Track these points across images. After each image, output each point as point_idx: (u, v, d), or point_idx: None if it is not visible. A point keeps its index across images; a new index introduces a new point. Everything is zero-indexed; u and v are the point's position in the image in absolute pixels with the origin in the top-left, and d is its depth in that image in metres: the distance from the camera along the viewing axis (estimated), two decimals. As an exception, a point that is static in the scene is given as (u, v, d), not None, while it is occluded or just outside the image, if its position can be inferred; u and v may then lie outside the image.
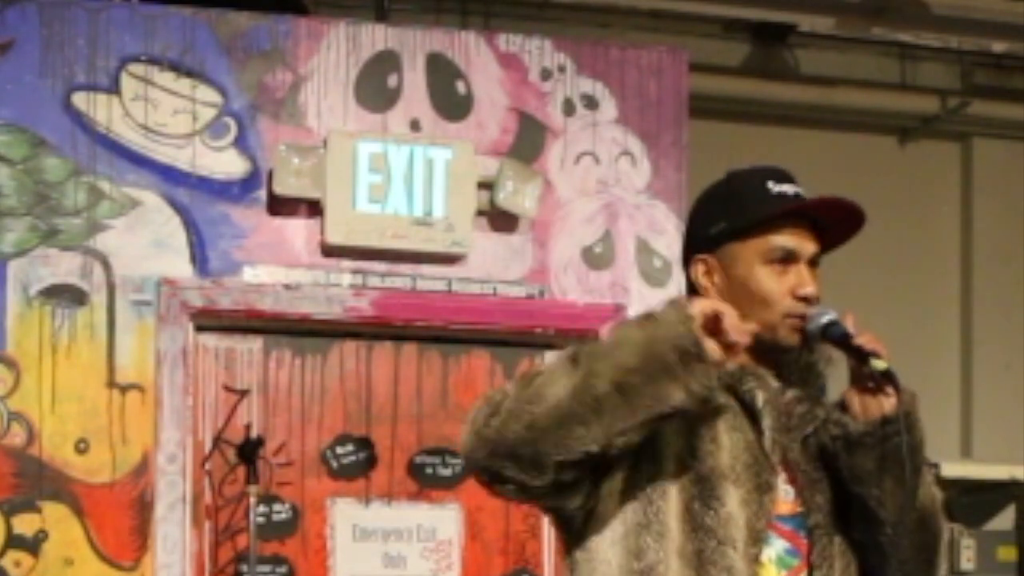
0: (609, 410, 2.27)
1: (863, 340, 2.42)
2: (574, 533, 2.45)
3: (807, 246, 2.49)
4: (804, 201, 2.49)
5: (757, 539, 2.40)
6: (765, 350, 2.49)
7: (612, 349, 2.31)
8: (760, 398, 2.46)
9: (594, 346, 2.37)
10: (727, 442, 2.43)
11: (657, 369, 2.26)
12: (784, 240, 2.47)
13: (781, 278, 2.46)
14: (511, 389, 2.33)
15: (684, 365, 2.26)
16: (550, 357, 5.01)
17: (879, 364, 2.40)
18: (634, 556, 2.38)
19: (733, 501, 2.40)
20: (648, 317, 2.33)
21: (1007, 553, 7.01)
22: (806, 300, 2.46)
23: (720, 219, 2.50)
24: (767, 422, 2.46)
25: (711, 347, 2.28)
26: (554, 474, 2.31)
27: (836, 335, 2.45)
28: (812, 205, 2.49)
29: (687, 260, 2.55)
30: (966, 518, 7.06)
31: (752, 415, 2.46)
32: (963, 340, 7.39)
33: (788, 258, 2.47)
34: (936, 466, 6.40)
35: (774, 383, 2.49)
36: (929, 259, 7.36)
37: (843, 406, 2.47)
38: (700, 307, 2.30)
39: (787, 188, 2.50)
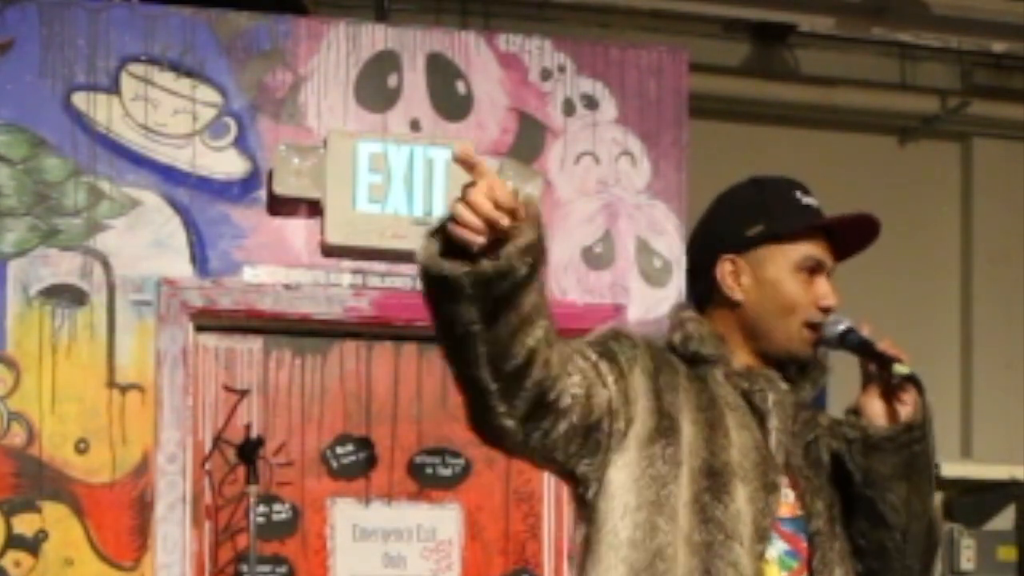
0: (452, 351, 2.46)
1: (884, 346, 2.46)
2: (586, 502, 2.46)
3: (829, 258, 2.56)
4: (843, 216, 2.55)
5: (762, 537, 2.43)
6: (776, 358, 2.54)
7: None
8: (770, 399, 2.51)
9: None
10: (737, 439, 2.47)
11: (433, 300, 2.38)
12: (815, 250, 2.53)
13: (807, 287, 2.52)
14: None
15: (438, 278, 2.30)
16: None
17: (903, 369, 2.43)
18: (645, 533, 2.39)
19: (741, 497, 2.43)
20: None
21: (1007, 553, 7.01)
22: (827, 311, 2.51)
23: (756, 222, 2.53)
24: (774, 423, 2.50)
25: (455, 231, 2.22)
26: (517, 385, 2.34)
27: (855, 342, 2.48)
28: (851, 221, 2.55)
29: (710, 259, 2.56)
30: (966, 518, 7.06)
31: (759, 415, 2.50)
32: (963, 340, 7.39)
33: (816, 268, 2.53)
34: (936, 466, 6.39)
35: (783, 385, 2.53)
36: (929, 259, 7.36)
37: (855, 411, 2.50)
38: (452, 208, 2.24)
39: (811, 201, 2.57)
